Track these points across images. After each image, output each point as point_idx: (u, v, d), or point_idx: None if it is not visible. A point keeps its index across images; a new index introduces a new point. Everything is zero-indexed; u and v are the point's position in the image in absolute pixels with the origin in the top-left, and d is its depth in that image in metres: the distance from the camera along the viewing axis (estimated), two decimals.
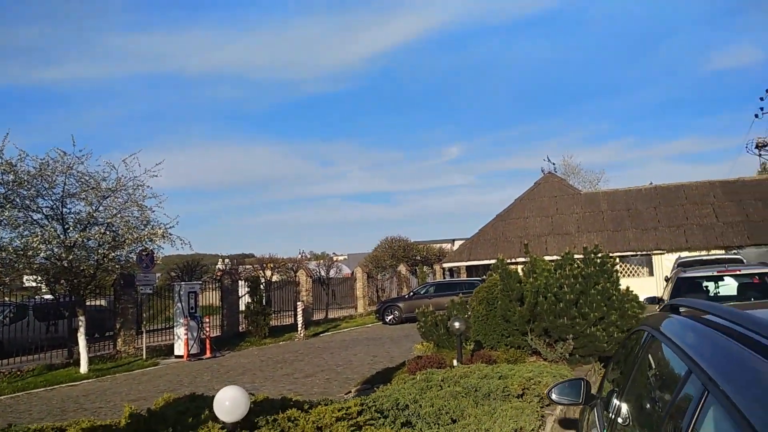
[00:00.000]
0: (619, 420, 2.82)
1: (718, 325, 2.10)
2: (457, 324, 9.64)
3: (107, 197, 16.02)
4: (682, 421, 1.85)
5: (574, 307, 10.60)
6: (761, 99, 34.66)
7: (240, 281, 24.98)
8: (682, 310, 2.73)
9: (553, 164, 37.24)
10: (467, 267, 31.47)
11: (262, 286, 24.34)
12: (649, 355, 2.86)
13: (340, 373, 13.66)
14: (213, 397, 4.29)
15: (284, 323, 25.64)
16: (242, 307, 23.50)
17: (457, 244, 41.89)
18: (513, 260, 23.17)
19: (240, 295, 24.02)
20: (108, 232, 15.93)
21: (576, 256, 12.10)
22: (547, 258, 15.24)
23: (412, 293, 27.95)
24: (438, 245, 54.33)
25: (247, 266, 37.99)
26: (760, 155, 35.33)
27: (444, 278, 35.55)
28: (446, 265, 34.31)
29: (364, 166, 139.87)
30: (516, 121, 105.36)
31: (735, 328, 1.93)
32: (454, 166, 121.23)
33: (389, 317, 26.10)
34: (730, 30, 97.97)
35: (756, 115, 34.59)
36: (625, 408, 2.85)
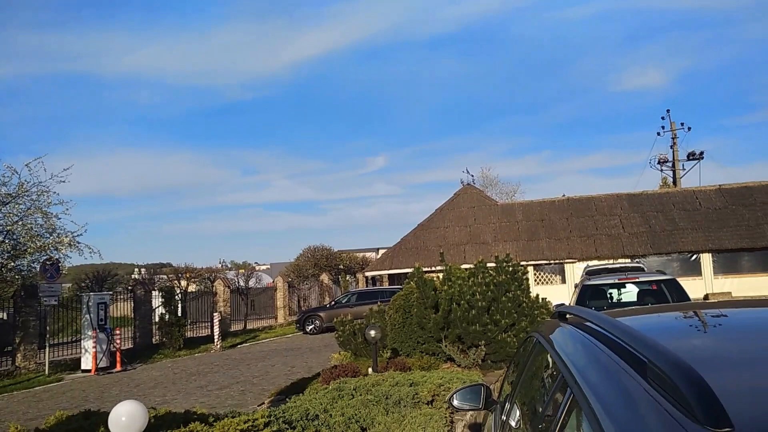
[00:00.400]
0: (512, 423, 2.91)
1: (594, 332, 2.19)
2: (372, 332, 9.68)
3: (7, 203, 15.07)
4: (551, 425, 1.94)
5: (486, 314, 10.89)
6: (662, 118, 36.95)
7: (154, 291, 24.06)
8: (568, 317, 2.85)
9: (472, 176, 38.19)
10: (389, 275, 31.71)
11: (177, 297, 23.55)
12: (536, 361, 2.98)
13: (256, 384, 13.40)
14: (109, 413, 4.10)
15: (200, 334, 24.91)
16: (156, 319, 22.66)
17: (381, 252, 42.18)
18: (432, 269, 23.53)
19: (154, 306, 23.14)
20: (7, 241, 14.99)
21: (490, 265, 12.46)
22: (464, 266, 15.59)
23: (333, 302, 27.83)
24: (362, 254, 54.47)
25: (163, 276, 36.64)
26: (661, 170, 37.64)
27: (367, 287, 35.65)
28: (369, 274, 34.42)
29: (288, 174, 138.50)
30: (439, 134, 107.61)
31: (606, 335, 2.01)
32: (379, 176, 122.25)
33: (310, 327, 25.88)
34: (635, 54, 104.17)
35: (658, 133, 36.85)
36: (516, 412, 2.95)
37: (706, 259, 25.93)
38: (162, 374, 16.26)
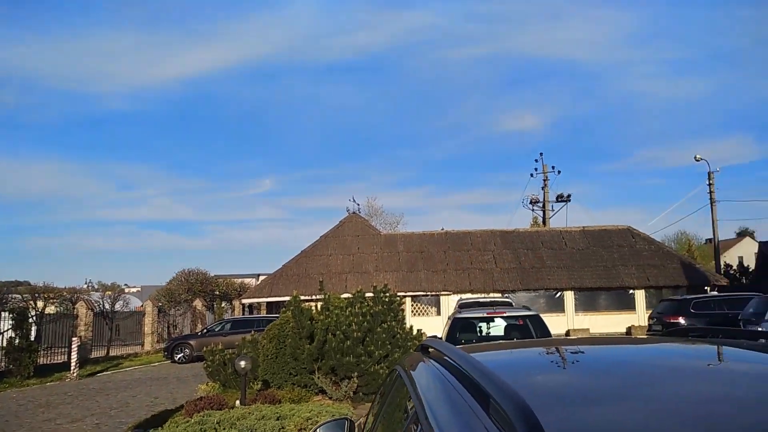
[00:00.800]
0: None
1: (450, 367, 2.21)
2: (242, 363, 9.34)
3: None
4: None
5: (360, 345, 10.89)
6: (536, 161, 39.51)
7: (3, 313, 21.84)
8: (430, 351, 2.88)
9: (358, 205, 38.62)
10: (268, 303, 30.99)
11: (31, 319, 21.51)
12: (396, 394, 2.97)
13: (113, 417, 12.43)
14: None
15: (56, 361, 22.85)
16: (4, 343, 20.51)
17: (262, 279, 41.18)
18: (313, 297, 23.32)
19: (2, 329, 20.97)
20: None
21: (368, 295, 12.52)
22: (344, 295, 15.56)
23: (205, 330, 26.70)
24: (240, 280, 52.87)
25: (17, 295, 33.43)
26: (533, 210, 40.13)
27: (243, 315, 34.56)
28: (246, 301, 33.45)
29: (166, 192, 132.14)
30: (328, 161, 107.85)
31: (460, 370, 2.03)
32: (264, 199, 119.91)
33: (179, 355, 24.59)
34: (515, 98, 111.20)
35: (531, 175, 39.32)
36: None
37: (569, 297, 27.77)
38: (3, 406, 14.67)
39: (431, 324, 25.40)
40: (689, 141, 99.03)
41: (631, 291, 27.59)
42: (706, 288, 26.79)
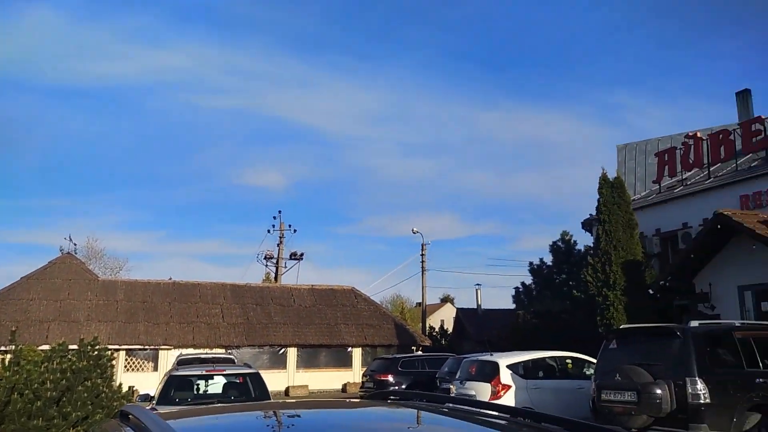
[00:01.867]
0: None
1: None
2: None
3: None
4: None
5: (55, 406, 9.59)
6: (274, 217, 40.30)
7: None
8: (130, 417, 2.71)
9: (75, 245, 34.75)
10: None
11: None
12: None
13: None
14: None
15: None
16: None
17: None
18: (4, 348, 19.95)
19: None
20: None
21: (73, 347, 11.19)
22: (44, 347, 13.67)
23: None
24: None
25: None
26: (266, 266, 40.53)
27: None
28: None
29: None
30: (40, 192, 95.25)
31: None
32: None
33: None
34: (260, 153, 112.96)
35: (269, 231, 39.91)
36: None
37: (292, 353, 28.29)
38: None
39: (147, 380, 23.57)
40: (411, 213, 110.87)
41: (349, 349, 29.22)
42: (413, 348, 29.66)
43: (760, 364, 9.18)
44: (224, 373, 11.05)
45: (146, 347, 26.33)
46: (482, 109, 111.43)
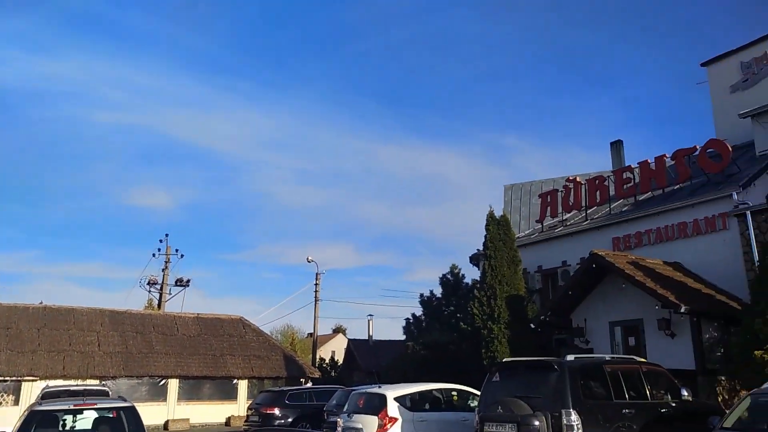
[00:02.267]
0: None
1: None
2: None
3: None
4: None
5: None
6: (161, 241, 38.39)
7: None
8: None
9: None
10: None
11: None
12: None
13: None
14: None
15: None
16: None
17: None
18: None
19: None
20: None
21: None
22: None
23: None
24: None
25: None
26: (149, 291, 38.41)
27: None
28: None
29: None
30: None
31: None
32: None
33: None
34: (149, 173, 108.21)
35: (154, 255, 37.91)
36: None
37: (173, 385, 26.83)
38: None
39: (6, 416, 21.44)
40: (305, 242, 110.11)
41: (235, 381, 28.16)
42: (301, 380, 29.11)
43: (626, 396, 9.84)
44: (95, 407, 10.23)
45: (6, 378, 23.97)
46: (380, 143, 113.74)
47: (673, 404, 10.33)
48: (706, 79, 24.35)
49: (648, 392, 10.20)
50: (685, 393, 10.44)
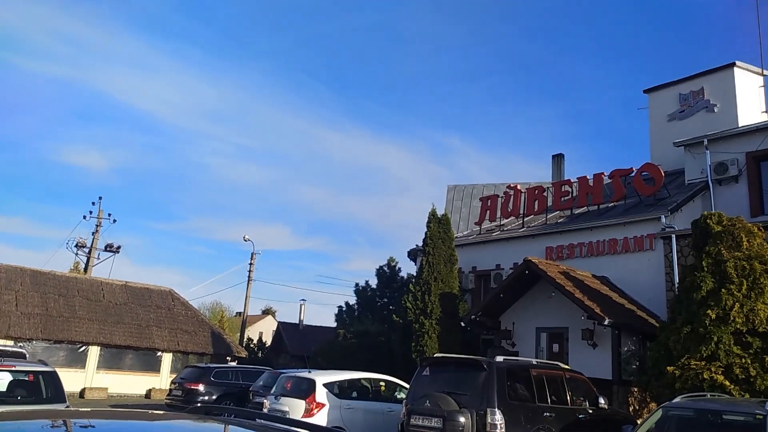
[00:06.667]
0: None
1: None
2: None
3: None
4: None
5: None
6: (93, 204, 37.02)
7: None
8: None
9: None
10: None
11: None
12: None
13: None
14: None
15: None
16: None
17: None
18: None
19: None
20: None
21: None
22: None
23: None
24: None
25: None
26: (77, 254, 36.95)
27: None
28: None
29: None
30: None
31: None
32: None
33: None
34: (81, 131, 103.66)
35: (85, 217, 36.46)
36: None
37: (94, 352, 26.04)
38: None
39: None
40: (240, 220, 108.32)
41: (159, 353, 27.59)
42: (228, 358, 28.81)
43: (549, 400, 10.33)
44: (13, 369, 9.83)
45: None
46: (325, 128, 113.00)
47: (591, 411, 10.93)
48: (647, 105, 25.50)
49: (569, 398, 10.75)
50: (602, 401, 11.06)
